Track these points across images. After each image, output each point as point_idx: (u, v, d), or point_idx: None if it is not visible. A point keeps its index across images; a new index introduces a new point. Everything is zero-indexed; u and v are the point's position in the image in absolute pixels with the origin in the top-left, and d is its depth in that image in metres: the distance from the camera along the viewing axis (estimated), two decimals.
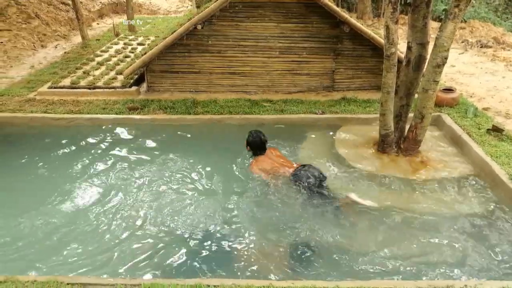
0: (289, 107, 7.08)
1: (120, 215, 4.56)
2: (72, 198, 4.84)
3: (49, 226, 4.36)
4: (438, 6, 14.21)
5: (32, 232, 4.28)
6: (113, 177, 5.24)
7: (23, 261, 3.90)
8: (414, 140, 5.54)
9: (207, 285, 3.38)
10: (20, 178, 5.29)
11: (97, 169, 5.44)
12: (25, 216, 4.48)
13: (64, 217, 4.52)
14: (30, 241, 4.16)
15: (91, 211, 4.62)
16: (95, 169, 5.45)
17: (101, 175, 5.31)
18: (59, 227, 4.36)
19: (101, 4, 16.21)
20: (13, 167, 5.54)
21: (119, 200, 4.80)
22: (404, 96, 5.61)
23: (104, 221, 4.46)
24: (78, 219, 4.50)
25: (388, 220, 4.50)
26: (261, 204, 4.68)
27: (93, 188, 5.04)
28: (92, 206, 4.71)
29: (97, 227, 4.37)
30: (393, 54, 5.18)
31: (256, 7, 7.25)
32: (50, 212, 4.59)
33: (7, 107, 7.01)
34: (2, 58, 9.98)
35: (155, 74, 7.78)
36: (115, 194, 4.90)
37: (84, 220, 4.49)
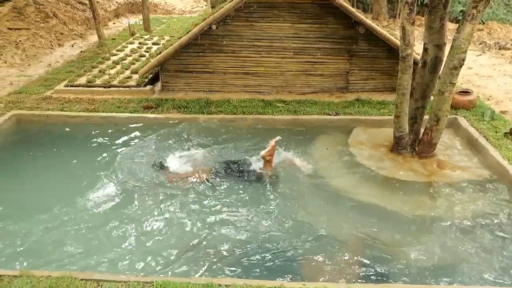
0: (303, 108, 7.06)
1: (135, 213, 4.61)
2: (88, 196, 4.90)
3: (67, 223, 4.44)
4: (455, 7, 14.01)
5: (46, 229, 4.35)
6: (127, 176, 5.30)
7: (37, 257, 3.97)
8: (429, 142, 5.47)
9: (218, 284, 3.39)
10: (38, 174, 5.37)
11: (112, 167, 5.49)
12: (45, 213, 4.57)
13: (79, 214, 4.59)
14: (43, 237, 4.22)
15: (108, 209, 4.68)
16: (111, 167, 5.50)
17: (116, 172, 5.36)
18: (74, 224, 4.42)
19: (117, 4, 16.39)
20: (30, 163, 5.64)
21: (134, 199, 4.84)
22: (419, 98, 5.55)
23: (119, 219, 4.51)
24: (93, 216, 4.56)
25: (402, 223, 4.46)
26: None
27: (107, 185, 5.10)
28: (109, 204, 4.77)
29: (113, 224, 4.42)
30: (409, 55, 5.12)
31: (271, 8, 7.24)
32: (67, 209, 4.66)
33: (24, 105, 7.13)
34: (21, 56, 10.16)
35: (169, 74, 7.83)
36: (129, 193, 4.95)
37: (100, 217, 4.55)
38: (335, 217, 4.57)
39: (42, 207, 4.66)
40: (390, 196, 4.88)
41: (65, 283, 3.36)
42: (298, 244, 4.16)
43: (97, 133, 6.41)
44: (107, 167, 5.48)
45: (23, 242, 4.13)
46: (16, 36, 10.85)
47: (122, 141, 6.21)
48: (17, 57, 10.05)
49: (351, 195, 4.91)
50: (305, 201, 4.84)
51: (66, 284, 3.34)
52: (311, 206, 4.75)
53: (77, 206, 4.71)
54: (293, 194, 4.96)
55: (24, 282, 3.36)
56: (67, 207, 4.66)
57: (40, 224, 4.37)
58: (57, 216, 4.52)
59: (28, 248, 4.07)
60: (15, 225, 4.36)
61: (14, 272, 3.48)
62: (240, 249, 4.08)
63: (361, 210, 4.66)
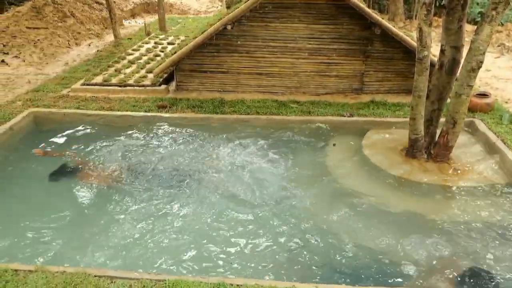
0: (317, 108, 7.03)
1: (152, 211, 4.65)
2: (103, 194, 4.96)
3: (83, 220, 4.50)
4: (474, 9, 13.78)
5: (61, 225, 4.42)
6: (143, 174, 5.34)
7: (52, 252, 4.03)
8: (445, 145, 5.39)
9: (230, 284, 3.40)
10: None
11: (129, 165, 5.55)
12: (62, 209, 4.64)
13: (94, 211, 4.65)
14: (61, 233, 4.29)
15: (125, 207, 4.73)
16: (128, 165, 5.55)
17: (134, 170, 5.42)
18: (89, 221, 4.48)
19: (134, 4, 16.55)
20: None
21: (150, 197, 4.89)
22: (435, 100, 5.47)
23: (136, 217, 4.56)
24: (109, 214, 4.61)
25: (416, 227, 4.41)
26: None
27: (124, 183, 5.15)
28: (125, 202, 4.81)
29: (129, 223, 4.47)
30: (426, 57, 5.05)
31: (286, 8, 7.22)
32: (82, 206, 4.72)
33: (42, 103, 7.25)
34: (39, 55, 10.33)
35: (184, 73, 7.88)
36: (144, 191, 5.00)
37: (118, 214, 4.59)
38: (346, 219, 4.53)
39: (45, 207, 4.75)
40: (404, 198, 4.82)
41: (79, 279, 3.40)
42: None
43: (113, 131, 6.47)
44: (125, 165, 5.54)
45: (38, 237, 4.20)
46: (35, 35, 11.04)
47: (138, 139, 6.26)
48: (35, 56, 10.22)
49: (363, 197, 4.87)
50: (317, 201, 4.82)
51: (80, 280, 3.39)
52: (321, 205, 4.72)
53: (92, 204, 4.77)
54: (310, 196, 4.95)
55: (39, 277, 3.42)
56: (84, 206, 4.72)
57: (48, 223, 4.44)
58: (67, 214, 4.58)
59: (43, 243, 4.14)
60: (26, 221, 4.45)
61: (29, 267, 3.54)
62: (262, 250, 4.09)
63: (375, 213, 4.62)
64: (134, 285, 3.37)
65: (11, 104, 7.18)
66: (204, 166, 5.50)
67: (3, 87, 8.26)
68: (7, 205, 4.75)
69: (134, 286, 3.36)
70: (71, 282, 3.36)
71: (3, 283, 3.34)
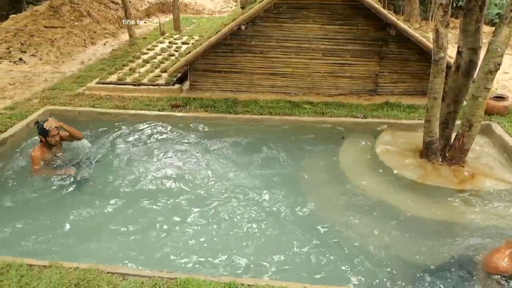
0: (330, 109, 6.99)
1: (166, 210, 4.69)
2: (115, 192, 5.01)
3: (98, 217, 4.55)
4: (492, 10, 13.56)
5: (76, 223, 4.48)
6: (156, 172, 5.39)
7: (66, 248, 4.08)
8: (461, 149, 5.31)
9: (241, 283, 3.40)
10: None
11: (142, 163, 5.59)
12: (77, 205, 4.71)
13: (109, 208, 4.70)
14: (74, 230, 4.34)
15: (138, 206, 4.77)
16: (141, 162, 5.60)
17: (147, 168, 5.47)
18: (102, 219, 4.53)
19: (149, 3, 16.70)
20: None
21: (161, 196, 4.92)
22: (451, 103, 5.39)
23: (148, 214, 4.59)
24: (122, 211, 4.66)
25: (429, 232, 4.35)
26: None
27: (138, 181, 5.19)
28: (137, 201, 4.85)
29: (141, 220, 4.51)
30: (442, 58, 4.99)
31: (300, 8, 7.21)
32: (97, 203, 4.78)
33: (58, 101, 7.36)
34: (55, 54, 10.49)
35: (198, 73, 7.92)
36: (156, 190, 5.03)
37: (130, 211, 4.64)
38: (359, 223, 4.50)
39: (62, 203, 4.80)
40: (418, 202, 4.77)
41: (92, 275, 3.44)
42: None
43: (125, 129, 6.53)
44: (138, 162, 5.59)
45: (53, 233, 4.27)
46: (52, 34, 11.21)
47: (150, 137, 6.31)
48: (52, 55, 10.39)
49: (376, 200, 4.83)
50: (329, 203, 4.80)
51: (93, 276, 3.43)
52: (335, 208, 4.70)
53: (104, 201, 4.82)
54: (321, 197, 4.93)
55: (53, 273, 3.46)
56: (98, 203, 4.78)
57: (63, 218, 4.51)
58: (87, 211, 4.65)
59: (57, 240, 4.20)
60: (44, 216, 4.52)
61: (44, 262, 3.59)
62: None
63: (388, 215, 4.58)
64: (146, 283, 3.39)
65: (28, 102, 7.31)
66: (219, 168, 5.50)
67: (21, 85, 8.41)
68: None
69: (145, 284, 3.38)
70: (84, 278, 3.40)
71: (18, 277, 3.40)
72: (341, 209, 4.74)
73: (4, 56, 9.87)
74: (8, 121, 6.40)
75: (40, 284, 3.34)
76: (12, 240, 4.16)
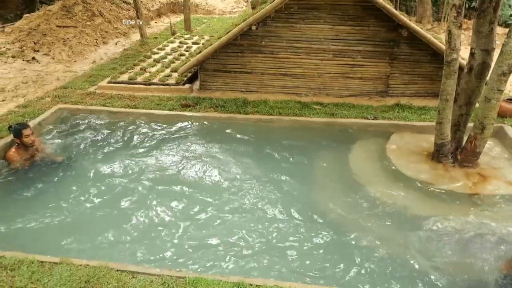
0: (340, 110, 6.96)
1: (173, 209, 4.71)
2: (126, 190, 5.04)
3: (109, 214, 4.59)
4: (505, 11, 13.40)
5: (90, 219, 4.52)
6: (166, 172, 5.41)
7: (77, 245, 4.12)
8: (473, 151, 5.25)
9: (249, 283, 3.40)
10: (77, 163, 5.58)
11: (153, 162, 5.63)
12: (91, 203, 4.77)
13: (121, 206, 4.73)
14: (87, 227, 4.38)
15: (145, 206, 4.80)
16: (150, 161, 5.64)
17: (157, 167, 5.50)
18: (113, 216, 4.56)
19: (160, 3, 16.79)
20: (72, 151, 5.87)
21: (170, 195, 4.94)
22: (463, 105, 5.34)
23: (156, 214, 4.62)
24: (134, 209, 4.69)
25: (440, 235, 4.30)
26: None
27: (147, 180, 5.22)
28: (146, 200, 4.88)
29: (150, 219, 4.53)
30: (454, 60, 4.94)
31: (312, 9, 7.19)
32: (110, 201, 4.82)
33: (69, 99, 7.43)
34: (68, 53, 10.60)
35: (208, 73, 7.94)
36: (163, 189, 5.06)
37: (139, 210, 4.66)
38: (372, 225, 4.47)
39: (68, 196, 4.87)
40: (429, 205, 4.72)
41: (101, 272, 3.47)
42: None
43: (137, 128, 6.58)
44: (148, 161, 5.63)
45: (65, 229, 4.31)
46: (64, 33, 11.32)
47: (161, 136, 6.34)
48: (64, 54, 10.49)
49: (387, 202, 4.79)
50: (340, 203, 4.78)
51: (102, 273, 3.45)
52: (346, 210, 4.68)
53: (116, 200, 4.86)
54: (327, 197, 4.91)
55: (64, 269, 3.50)
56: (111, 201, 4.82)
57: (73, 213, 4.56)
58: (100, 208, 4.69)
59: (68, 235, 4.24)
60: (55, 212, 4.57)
61: (55, 259, 3.63)
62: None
63: (400, 219, 4.54)
64: (155, 281, 3.41)
65: (41, 100, 7.39)
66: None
67: (33, 84, 8.52)
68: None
69: (154, 282, 3.40)
70: (94, 275, 3.43)
71: (29, 274, 3.44)
72: (349, 210, 4.71)
73: (17, 55, 10.00)
74: (21, 119, 6.48)
75: (50, 281, 3.38)
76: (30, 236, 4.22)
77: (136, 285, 3.36)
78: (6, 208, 4.63)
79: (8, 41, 10.79)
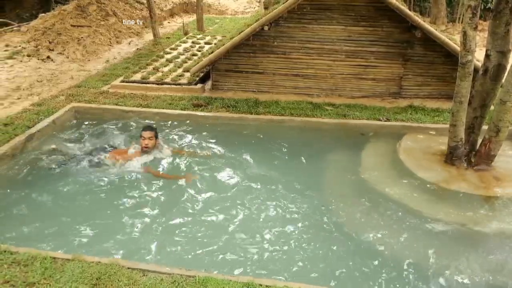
0: (352, 112, 6.92)
1: (186, 208, 4.73)
2: (138, 187, 5.08)
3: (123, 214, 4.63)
4: None
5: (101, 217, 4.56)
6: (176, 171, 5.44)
7: (91, 241, 4.16)
8: (487, 154, 5.18)
9: (259, 284, 3.39)
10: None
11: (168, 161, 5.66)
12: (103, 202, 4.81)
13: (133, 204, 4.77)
14: (101, 224, 4.43)
15: (158, 203, 4.83)
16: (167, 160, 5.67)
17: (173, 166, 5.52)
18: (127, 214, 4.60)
19: (173, 3, 16.89)
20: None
21: (182, 195, 4.96)
22: (478, 107, 5.26)
23: (169, 212, 4.64)
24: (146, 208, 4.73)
25: (455, 239, 4.25)
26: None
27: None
28: (157, 198, 4.91)
29: (163, 218, 4.56)
30: (469, 62, 4.87)
31: (324, 10, 7.16)
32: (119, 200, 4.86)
33: (83, 98, 7.52)
34: (82, 52, 10.72)
35: (220, 73, 7.96)
36: (175, 189, 5.08)
37: (153, 210, 4.70)
38: (384, 228, 4.43)
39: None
40: (443, 207, 4.67)
41: (113, 270, 3.50)
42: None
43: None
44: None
45: (79, 227, 4.36)
46: (78, 33, 11.46)
47: (173, 135, 6.38)
48: (78, 53, 10.62)
49: (399, 204, 4.75)
50: (351, 205, 4.75)
51: (114, 271, 3.48)
52: (358, 212, 4.65)
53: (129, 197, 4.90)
54: (339, 199, 4.88)
55: (75, 266, 3.53)
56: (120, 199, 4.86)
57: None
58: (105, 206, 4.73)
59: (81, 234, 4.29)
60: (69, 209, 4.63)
61: (67, 256, 3.67)
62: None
63: (412, 221, 4.50)
64: (165, 279, 3.43)
65: (55, 99, 7.49)
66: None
67: (48, 82, 8.63)
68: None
69: (165, 280, 3.42)
70: (105, 272, 3.46)
71: (42, 270, 3.48)
72: (361, 213, 4.68)
73: (33, 54, 10.15)
74: (35, 117, 6.57)
75: (63, 277, 3.42)
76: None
77: (146, 283, 3.38)
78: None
79: (23, 40, 10.96)
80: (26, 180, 5.19)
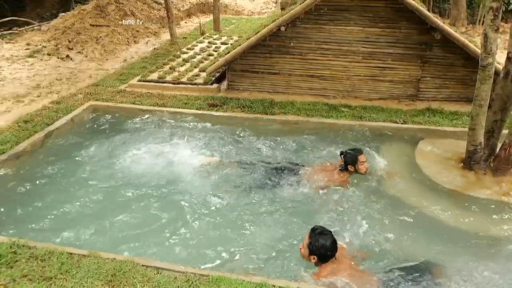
0: (369, 114, 6.86)
1: (197, 208, 4.75)
2: (148, 185, 5.12)
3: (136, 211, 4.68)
4: None
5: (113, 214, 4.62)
6: (191, 169, 5.47)
7: (108, 239, 4.21)
8: (507, 159, 5.07)
9: (272, 285, 3.39)
10: (102, 161, 5.70)
11: (178, 160, 5.68)
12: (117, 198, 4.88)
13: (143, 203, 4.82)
14: (114, 221, 4.48)
15: (173, 204, 4.86)
16: (176, 159, 5.70)
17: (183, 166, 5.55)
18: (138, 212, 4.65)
19: (190, 4, 17.01)
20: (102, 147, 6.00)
21: (194, 194, 4.99)
22: (498, 111, 5.16)
23: (181, 211, 4.67)
24: (156, 206, 4.77)
25: (474, 245, 4.17)
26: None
27: (169, 177, 5.29)
28: (172, 197, 4.94)
29: (175, 216, 4.59)
30: (490, 64, 4.78)
31: (342, 11, 7.11)
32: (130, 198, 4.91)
33: (101, 97, 7.62)
34: (100, 51, 10.87)
35: (236, 73, 7.98)
36: (185, 188, 5.11)
37: (164, 208, 4.73)
38: (399, 231, 4.37)
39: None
40: (460, 213, 4.58)
41: (127, 267, 3.53)
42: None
43: (163, 126, 6.67)
44: (174, 159, 5.69)
45: (93, 224, 4.42)
46: (97, 32, 11.63)
47: (188, 135, 6.41)
48: (96, 52, 10.77)
49: (415, 209, 4.67)
50: (366, 209, 4.71)
51: (128, 268, 3.52)
52: (375, 217, 4.60)
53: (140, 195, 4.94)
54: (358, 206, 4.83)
55: (91, 262, 3.58)
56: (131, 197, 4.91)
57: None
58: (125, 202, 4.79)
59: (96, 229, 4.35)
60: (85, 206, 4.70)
61: (83, 252, 3.72)
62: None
63: (429, 226, 4.43)
64: (179, 278, 3.45)
65: (73, 97, 7.61)
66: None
67: (67, 81, 8.78)
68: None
69: (178, 279, 3.44)
70: (120, 269, 3.50)
71: (59, 265, 3.54)
72: (376, 218, 4.62)
73: (52, 52, 10.33)
74: (54, 114, 6.69)
75: (79, 272, 3.47)
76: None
77: (160, 280, 3.41)
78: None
79: (44, 39, 11.17)
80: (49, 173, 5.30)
